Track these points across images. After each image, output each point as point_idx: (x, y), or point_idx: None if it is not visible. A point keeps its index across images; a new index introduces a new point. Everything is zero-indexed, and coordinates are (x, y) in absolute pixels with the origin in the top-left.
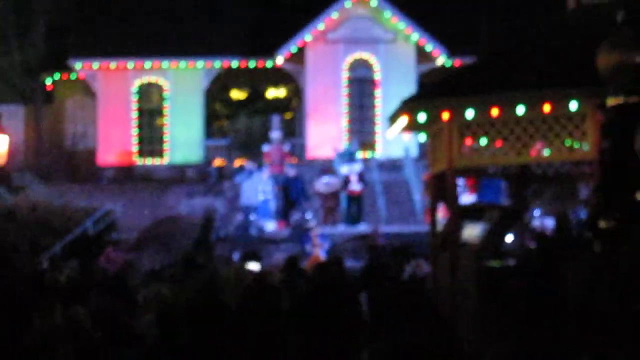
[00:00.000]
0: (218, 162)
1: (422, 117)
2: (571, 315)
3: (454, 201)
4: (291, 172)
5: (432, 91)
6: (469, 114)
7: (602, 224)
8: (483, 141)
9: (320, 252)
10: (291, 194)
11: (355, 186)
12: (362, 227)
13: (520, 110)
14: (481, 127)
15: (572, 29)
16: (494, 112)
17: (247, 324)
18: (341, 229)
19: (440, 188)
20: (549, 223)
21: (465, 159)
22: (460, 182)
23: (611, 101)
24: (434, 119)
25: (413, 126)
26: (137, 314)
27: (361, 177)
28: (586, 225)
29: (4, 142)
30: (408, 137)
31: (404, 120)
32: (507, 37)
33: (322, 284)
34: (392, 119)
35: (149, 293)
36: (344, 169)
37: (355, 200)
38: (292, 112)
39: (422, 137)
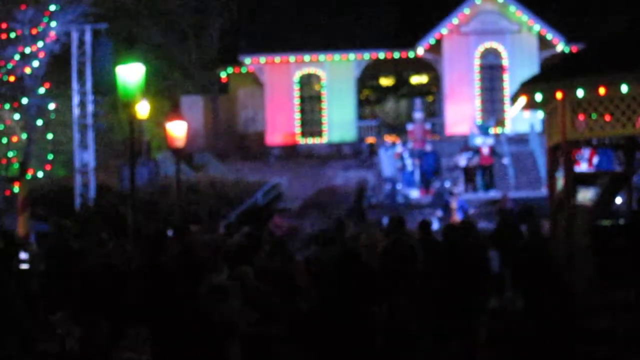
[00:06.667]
0: (369, 139)
1: (538, 97)
2: None
3: (568, 169)
4: (427, 147)
5: (547, 74)
6: (580, 93)
7: None
8: (593, 116)
9: (457, 216)
10: (422, 166)
11: (487, 158)
12: (493, 194)
13: (624, 88)
14: (591, 104)
15: None
16: (601, 90)
17: (387, 277)
18: (476, 195)
19: (556, 158)
20: None
21: (577, 132)
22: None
23: None
24: (549, 98)
25: (531, 105)
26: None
27: (493, 150)
28: None
29: (183, 127)
30: (534, 113)
31: (523, 100)
32: (616, 24)
33: (450, 242)
34: (513, 99)
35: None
36: (478, 140)
37: (487, 169)
38: (432, 95)
39: (540, 114)
